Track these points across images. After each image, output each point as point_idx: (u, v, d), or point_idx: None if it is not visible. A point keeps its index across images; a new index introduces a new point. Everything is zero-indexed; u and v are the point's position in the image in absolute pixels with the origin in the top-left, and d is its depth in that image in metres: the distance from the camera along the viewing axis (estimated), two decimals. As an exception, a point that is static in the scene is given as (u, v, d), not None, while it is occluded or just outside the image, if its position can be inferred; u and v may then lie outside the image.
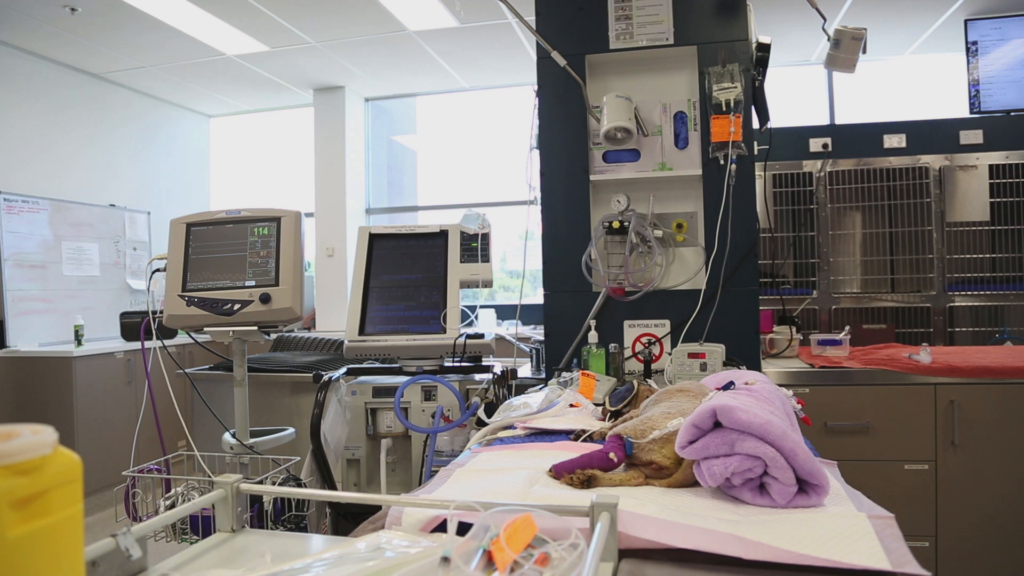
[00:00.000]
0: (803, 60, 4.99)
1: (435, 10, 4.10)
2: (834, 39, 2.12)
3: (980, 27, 4.03)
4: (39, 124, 4.68)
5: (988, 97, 3.94)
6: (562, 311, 2.38)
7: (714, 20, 2.30)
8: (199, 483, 1.84)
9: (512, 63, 4.99)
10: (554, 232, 2.41)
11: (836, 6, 4.02)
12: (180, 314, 2.19)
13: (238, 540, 0.87)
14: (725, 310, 2.25)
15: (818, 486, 0.88)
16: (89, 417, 4.07)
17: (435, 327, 2.38)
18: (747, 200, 2.27)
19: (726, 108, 2.20)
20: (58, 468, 0.48)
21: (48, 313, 4.43)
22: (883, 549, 0.71)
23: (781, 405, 1.19)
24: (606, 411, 1.41)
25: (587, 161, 2.38)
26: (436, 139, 6.23)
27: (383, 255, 2.54)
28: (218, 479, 0.89)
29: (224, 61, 4.89)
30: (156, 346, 2.29)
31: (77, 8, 3.95)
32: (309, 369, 2.94)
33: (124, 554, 0.70)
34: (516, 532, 0.67)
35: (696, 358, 1.94)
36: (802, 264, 3.21)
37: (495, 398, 2.17)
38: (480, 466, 1.14)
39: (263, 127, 6.31)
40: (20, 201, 4.27)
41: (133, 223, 5.15)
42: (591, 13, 2.38)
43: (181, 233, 2.27)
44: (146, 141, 5.61)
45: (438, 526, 0.82)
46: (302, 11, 4.10)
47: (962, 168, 3.20)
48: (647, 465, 1.01)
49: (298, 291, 2.18)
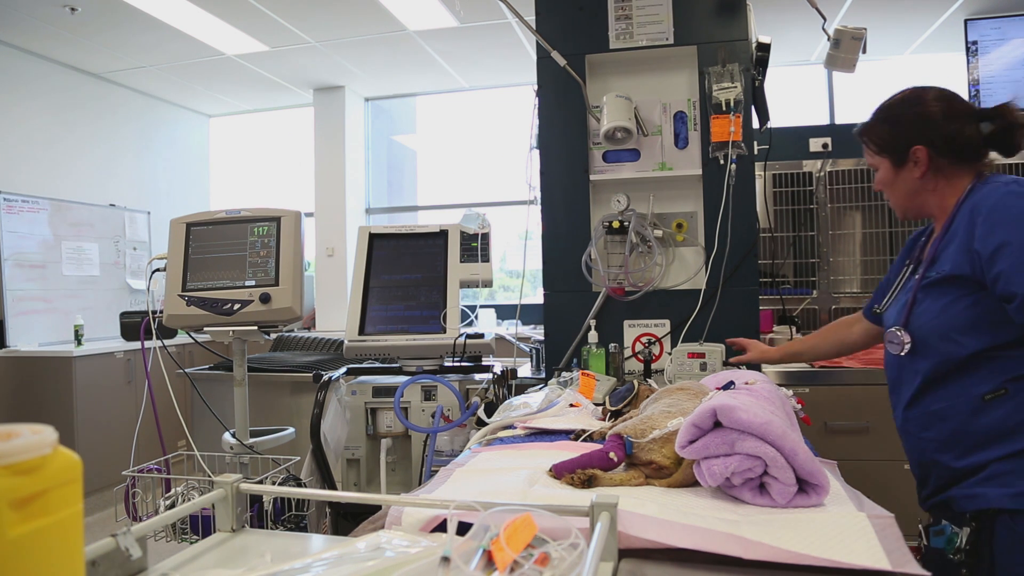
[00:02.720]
0: (803, 60, 4.99)
1: (435, 10, 4.10)
2: (834, 39, 2.12)
3: (980, 27, 4.03)
4: (39, 124, 4.68)
5: (988, 97, 3.94)
6: (562, 311, 2.38)
7: (714, 20, 2.30)
8: (199, 483, 1.84)
9: (512, 63, 4.99)
10: (554, 232, 2.41)
11: (836, 6, 4.02)
12: (180, 314, 2.18)
13: (238, 540, 0.87)
14: (725, 310, 2.25)
15: (818, 486, 0.88)
16: (89, 417, 4.07)
17: (435, 327, 2.38)
18: (747, 200, 2.27)
19: (726, 108, 2.20)
20: (58, 468, 0.48)
21: (48, 313, 4.43)
22: (883, 549, 0.71)
23: (781, 405, 1.19)
24: (606, 411, 1.41)
25: (587, 161, 2.38)
26: (436, 139, 6.23)
27: (383, 255, 2.54)
28: (218, 479, 0.89)
29: (224, 61, 4.89)
30: (156, 346, 2.29)
31: (77, 8, 3.94)
32: (309, 369, 2.93)
33: (124, 554, 0.70)
34: (516, 532, 0.67)
35: (696, 358, 1.94)
36: (802, 264, 3.21)
37: (495, 398, 2.17)
38: (480, 466, 1.14)
39: (263, 127, 6.31)
40: (20, 201, 4.27)
41: (133, 223, 5.14)
42: (591, 13, 2.38)
43: (181, 233, 2.27)
44: (146, 141, 5.61)
45: (438, 526, 0.82)
46: (302, 11, 4.10)
47: (962, 168, 3.20)
48: (647, 465, 1.01)
49: (298, 291, 2.18)
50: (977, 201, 1.22)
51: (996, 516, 1.18)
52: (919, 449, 1.32)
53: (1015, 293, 1.12)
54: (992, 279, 1.16)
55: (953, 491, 1.26)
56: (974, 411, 1.22)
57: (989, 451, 1.20)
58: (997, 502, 1.16)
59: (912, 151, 1.31)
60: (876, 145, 1.38)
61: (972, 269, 1.20)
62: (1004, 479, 1.17)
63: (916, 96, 1.33)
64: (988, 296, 1.19)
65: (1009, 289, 1.13)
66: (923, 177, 1.32)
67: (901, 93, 1.37)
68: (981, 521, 1.20)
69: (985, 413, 1.21)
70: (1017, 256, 1.13)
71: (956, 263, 1.22)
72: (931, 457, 1.29)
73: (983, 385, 1.21)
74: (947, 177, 1.31)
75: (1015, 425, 1.18)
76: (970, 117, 1.29)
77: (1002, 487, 1.17)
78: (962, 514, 1.23)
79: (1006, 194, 1.19)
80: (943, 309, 1.24)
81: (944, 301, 1.25)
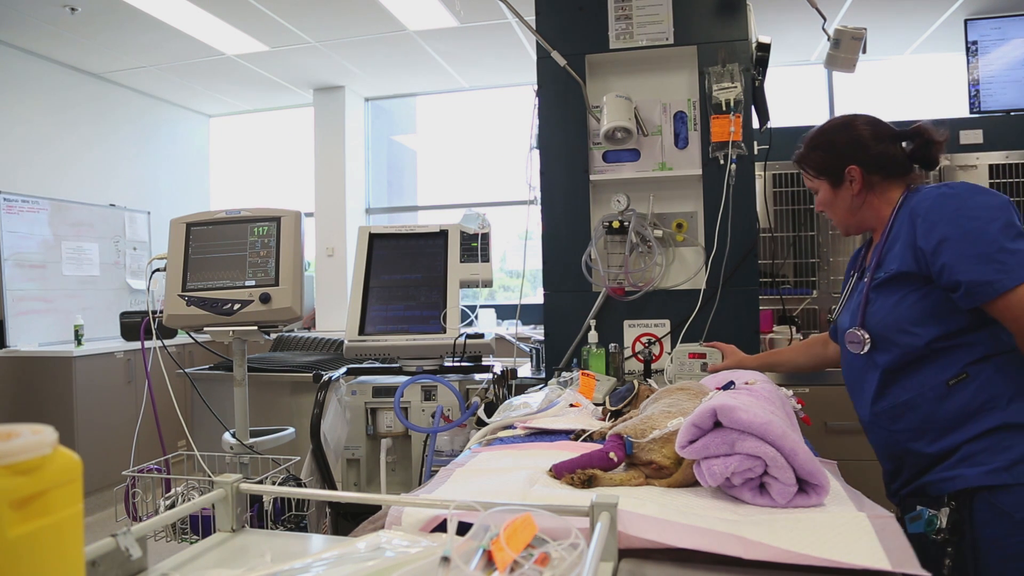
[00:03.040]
0: (803, 60, 4.99)
1: (435, 10, 4.10)
2: (834, 39, 2.12)
3: (980, 27, 4.02)
4: (39, 124, 4.68)
5: (988, 97, 3.94)
6: (562, 311, 2.38)
7: (714, 20, 2.30)
8: (199, 483, 1.84)
9: (512, 63, 4.99)
10: (554, 232, 2.41)
11: (836, 6, 4.02)
12: (180, 314, 2.18)
13: (238, 540, 0.87)
14: (725, 310, 2.25)
15: (818, 486, 0.88)
16: (89, 417, 4.07)
17: (435, 327, 2.38)
18: (747, 200, 2.27)
19: (726, 108, 2.20)
20: (58, 468, 0.48)
21: (48, 313, 4.43)
22: (883, 549, 0.71)
23: (781, 405, 1.19)
24: (606, 411, 1.41)
25: (587, 161, 2.38)
26: (436, 139, 6.23)
27: (383, 255, 2.54)
28: (218, 479, 0.89)
29: (224, 61, 4.89)
30: (156, 346, 2.29)
31: (77, 8, 3.94)
32: (309, 369, 2.93)
33: (124, 554, 0.70)
34: (516, 532, 0.67)
35: (697, 358, 1.94)
36: (802, 264, 3.20)
37: (495, 398, 2.17)
38: (480, 466, 1.14)
39: (263, 127, 6.31)
40: (20, 201, 4.27)
41: (133, 223, 5.14)
42: (591, 13, 2.38)
43: (181, 233, 2.27)
44: (146, 141, 5.61)
45: (438, 526, 0.82)
46: (302, 11, 4.10)
47: (962, 168, 3.20)
48: (647, 465, 1.01)
49: (298, 291, 2.18)
50: (914, 206, 1.34)
51: (975, 494, 1.25)
52: (891, 442, 1.39)
53: (959, 281, 1.23)
54: (937, 272, 1.27)
55: (928, 476, 1.32)
56: (940, 397, 1.30)
57: (959, 433, 1.28)
58: (976, 480, 1.23)
59: (847, 171, 1.45)
60: (814, 170, 1.52)
61: (918, 265, 1.30)
62: (978, 458, 1.25)
63: (846, 123, 1.49)
64: (936, 289, 1.29)
65: (953, 278, 1.24)
66: (859, 194, 1.46)
67: (830, 122, 1.52)
68: (960, 500, 1.26)
69: (951, 398, 1.29)
70: (956, 248, 1.24)
71: (903, 261, 1.33)
72: (903, 447, 1.36)
73: (945, 372, 1.30)
74: (880, 192, 1.45)
75: (980, 406, 1.27)
76: (893, 138, 1.45)
77: (977, 466, 1.25)
78: (939, 497, 1.30)
79: (940, 195, 1.31)
80: (896, 304, 1.34)
81: (895, 297, 1.35)
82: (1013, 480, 1.21)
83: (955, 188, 1.31)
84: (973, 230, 1.24)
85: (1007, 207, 1.26)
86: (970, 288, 1.22)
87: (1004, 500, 1.21)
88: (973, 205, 1.26)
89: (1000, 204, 1.26)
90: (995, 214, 1.24)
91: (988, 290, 1.20)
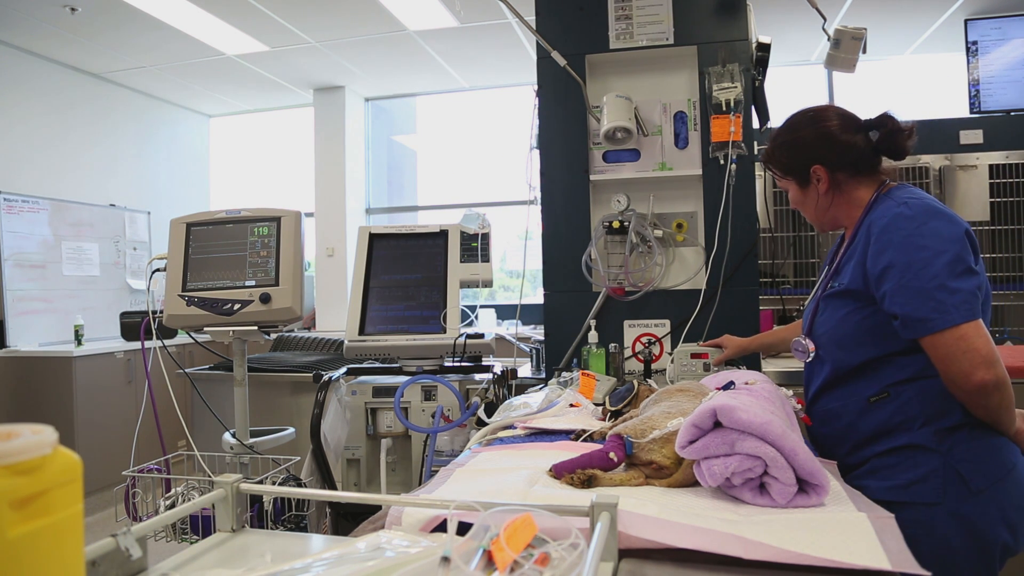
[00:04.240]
0: (803, 60, 4.99)
1: (435, 10, 4.10)
2: (834, 39, 2.12)
3: (980, 27, 4.02)
4: (39, 124, 4.68)
5: (988, 97, 3.94)
6: (562, 311, 2.38)
7: (714, 20, 2.30)
8: (199, 483, 1.84)
9: (512, 63, 4.99)
10: (554, 232, 2.41)
11: (836, 6, 4.02)
12: (180, 314, 2.18)
13: (238, 540, 0.87)
14: (725, 310, 2.25)
15: (818, 486, 0.88)
16: (89, 417, 4.07)
17: (435, 327, 2.38)
18: (747, 200, 2.27)
19: (726, 108, 2.20)
20: (58, 468, 0.48)
21: (48, 313, 4.43)
22: (883, 549, 0.71)
23: (781, 405, 1.19)
24: (606, 411, 1.41)
25: (587, 161, 2.38)
26: (436, 139, 6.23)
27: (383, 255, 2.54)
28: (218, 479, 0.89)
29: (224, 61, 4.89)
30: (156, 346, 2.29)
31: (77, 8, 3.95)
32: (309, 369, 2.93)
33: (124, 554, 0.70)
34: (516, 532, 0.67)
35: (699, 358, 1.94)
36: (802, 264, 3.21)
37: (495, 398, 2.17)
38: (480, 466, 1.14)
39: (263, 127, 6.31)
40: (20, 201, 4.27)
41: (133, 223, 5.15)
42: (591, 13, 2.38)
43: (181, 233, 2.27)
44: (146, 141, 5.61)
45: (438, 526, 0.82)
46: (302, 11, 4.10)
47: (962, 168, 3.20)
48: (647, 465, 1.01)
49: (298, 291, 2.18)
50: (873, 219, 1.32)
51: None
52: (819, 443, 1.44)
53: (896, 313, 1.24)
54: (880, 297, 1.28)
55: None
56: (861, 411, 1.35)
57: (872, 447, 1.33)
58: (877, 493, 1.24)
59: (812, 171, 1.43)
60: (780, 170, 1.50)
61: (865, 285, 1.31)
62: (883, 473, 1.30)
63: (815, 116, 1.44)
64: (880, 310, 1.29)
65: (892, 309, 1.25)
66: (826, 194, 1.44)
67: (799, 114, 1.47)
68: None
69: (870, 414, 1.33)
70: (898, 278, 1.23)
71: (853, 277, 1.34)
72: (828, 451, 1.41)
73: (869, 388, 1.34)
74: (849, 191, 1.42)
75: (896, 424, 1.30)
76: (859, 128, 1.41)
77: (881, 480, 1.30)
78: None
79: (896, 216, 1.28)
80: (841, 320, 1.37)
81: (842, 313, 1.37)
82: (909, 499, 1.25)
83: (913, 209, 1.27)
84: (917, 261, 1.22)
85: (960, 240, 1.23)
86: (905, 321, 1.23)
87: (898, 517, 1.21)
88: (925, 232, 1.24)
89: (953, 236, 1.23)
90: (945, 245, 1.22)
91: (921, 327, 1.21)
